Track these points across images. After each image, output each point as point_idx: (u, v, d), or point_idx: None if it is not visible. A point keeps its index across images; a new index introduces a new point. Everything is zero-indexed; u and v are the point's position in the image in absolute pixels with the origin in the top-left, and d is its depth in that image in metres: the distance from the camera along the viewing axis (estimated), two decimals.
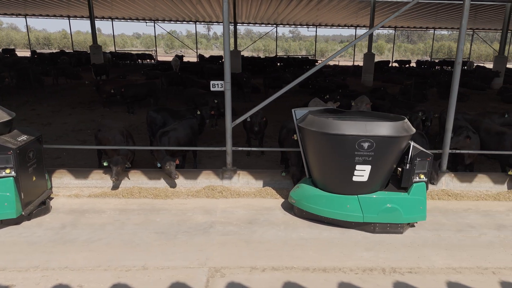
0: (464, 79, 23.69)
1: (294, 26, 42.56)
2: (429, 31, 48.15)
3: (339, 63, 39.52)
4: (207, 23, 44.91)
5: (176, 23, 41.83)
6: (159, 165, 6.61)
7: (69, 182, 6.90)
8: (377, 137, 4.93)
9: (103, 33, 74.83)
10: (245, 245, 5.25)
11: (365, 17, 30.25)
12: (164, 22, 40.99)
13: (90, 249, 5.03)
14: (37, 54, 36.25)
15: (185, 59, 37.69)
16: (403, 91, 18.94)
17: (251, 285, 4.43)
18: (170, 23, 42.03)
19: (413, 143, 5.40)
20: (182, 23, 41.66)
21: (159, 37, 70.46)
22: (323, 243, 5.31)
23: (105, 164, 6.57)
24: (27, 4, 28.59)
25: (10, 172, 5.20)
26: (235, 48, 26.01)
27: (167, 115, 8.93)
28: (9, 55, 34.22)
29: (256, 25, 42.53)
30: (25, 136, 5.59)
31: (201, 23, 41.99)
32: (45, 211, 5.86)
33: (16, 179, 5.26)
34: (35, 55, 35.15)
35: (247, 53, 53.56)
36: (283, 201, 6.63)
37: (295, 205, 5.89)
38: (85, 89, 18.56)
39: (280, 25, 41.10)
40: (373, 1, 21.33)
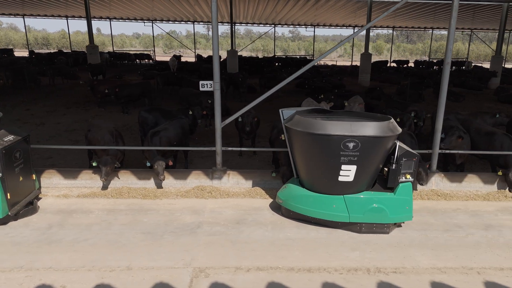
0: (461, 79, 23.76)
1: (292, 26, 42.54)
2: (428, 31, 48.14)
3: (336, 63, 39.52)
4: (206, 23, 44.87)
5: (174, 23, 41.83)
6: (148, 164, 6.61)
7: (58, 182, 6.90)
8: (362, 137, 4.92)
9: (103, 33, 74.87)
10: (231, 245, 5.25)
11: (363, 17, 30.21)
12: (162, 22, 40.99)
13: (75, 250, 5.02)
14: (35, 54, 36.25)
15: (184, 59, 37.69)
16: (399, 91, 18.96)
17: (235, 285, 4.43)
18: (168, 23, 42.02)
19: (399, 143, 5.40)
20: (180, 23, 41.65)
21: (158, 37, 70.49)
22: (310, 243, 5.31)
23: (94, 164, 6.57)
24: (25, 4, 28.58)
25: None
26: (232, 48, 25.99)
27: (158, 115, 8.93)
28: (7, 55, 34.21)
29: (254, 25, 42.52)
30: (12, 136, 5.58)
31: (199, 23, 41.96)
32: (32, 211, 5.86)
33: (2, 179, 5.25)
34: (33, 55, 35.15)
35: (246, 53, 53.58)
36: (272, 201, 6.62)
37: (282, 205, 5.89)
38: (81, 89, 18.55)
39: (278, 25, 41.09)
40: (369, 0, 21.32)
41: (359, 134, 4.91)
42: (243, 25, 45.44)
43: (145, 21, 40.17)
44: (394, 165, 5.29)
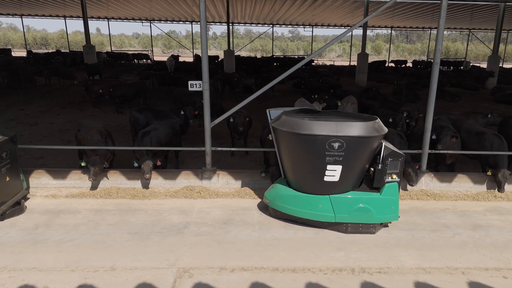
0: (458, 79, 23.75)
1: (290, 26, 42.54)
2: (427, 31, 48.11)
3: (334, 63, 39.51)
4: None
5: (172, 23, 41.83)
6: (136, 165, 6.60)
7: (47, 182, 6.89)
8: (347, 137, 4.91)
9: (102, 33, 74.87)
10: (217, 246, 5.24)
11: (361, 17, 30.22)
12: (160, 22, 41.00)
13: (60, 250, 5.02)
14: (33, 54, 36.25)
15: (183, 59, 37.70)
16: (395, 91, 18.96)
17: (218, 285, 4.42)
18: (166, 23, 42.03)
19: (385, 143, 5.39)
20: (178, 23, 41.66)
21: (158, 37, 70.50)
22: (296, 244, 5.30)
23: (82, 164, 6.56)
24: (22, 4, 28.59)
25: None
26: (229, 48, 25.98)
27: (150, 115, 8.92)
28: (4, 55, 34.21)
29: (252, 25, 42.53)
30: None
31: (197, 23, 41.93)
32: (19, 212, 5.85)
33: None
34: (31, 55, 35.15)
35: (245, 53, 53.56)
36: (260, 201, 6.60)
37: (269, 205, 5.89)
38: (76, 89, 18.52)
39: (276, 25, 41.10)
40: (366, 0, 21.32)
41: (344, 134, 4.91)
42: (241, 25, 45.46)
43: (143, 21, 40.18)
44: (380, 165, 5.28)
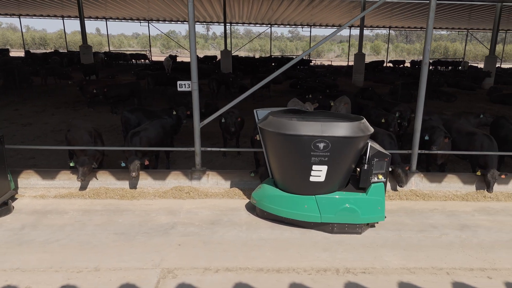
0: (455, 79, 23.76)
1: (289, 26, 42.53)
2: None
3: (332, 63, 39.52)
4: (201, 23, 44.85)
5: (171, 23, 41.83)
6: (123, 164, 6.59)
7: (36, 182, 6.88)
8: (332, 137, 4.91)
9: (101, 34, 74.86)
10: (203, 246, 5.23)
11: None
12: (159, 22, 41.00)
13: (45, 250, 5.01)
14: (31, 54, 36.26)
15: (182, 59, 37.70)
16: (392, 91, 18.97)
17: (202, 286, 4.41)
18: (165, 23, 42.03)
19: (371, 143, 5.38)
20: (177, 23, 41.65)
21: (157, 37, 70.50)
22: (282, 244, 5.29)
23: (71, 164, 6.56)
24: (20, 4, 28.59)
25: None
26: (225, 48, 25.98)
27: (141, 115, 8.91)
28: (1, 55, 34.20)
29: (250, 25, 42.52)
30: None
31: (196, 23, 41.93)
32: (6, 212, 5.85)
33: None
34: (29, 55, 35.16)
35: (243, 53, 53.55)
36: (249, 201, 6.60)
37: (256, 206, 5.88)
38: (72, 90, 18.48)
39: (274, 25, 41.10)
40: (363, 1, 21.31)
41: (329, 134, 4.90)
42: (239, 25, 45.43)
43: (141, 21, 40.18)
44: (366, 166, 5.27)
